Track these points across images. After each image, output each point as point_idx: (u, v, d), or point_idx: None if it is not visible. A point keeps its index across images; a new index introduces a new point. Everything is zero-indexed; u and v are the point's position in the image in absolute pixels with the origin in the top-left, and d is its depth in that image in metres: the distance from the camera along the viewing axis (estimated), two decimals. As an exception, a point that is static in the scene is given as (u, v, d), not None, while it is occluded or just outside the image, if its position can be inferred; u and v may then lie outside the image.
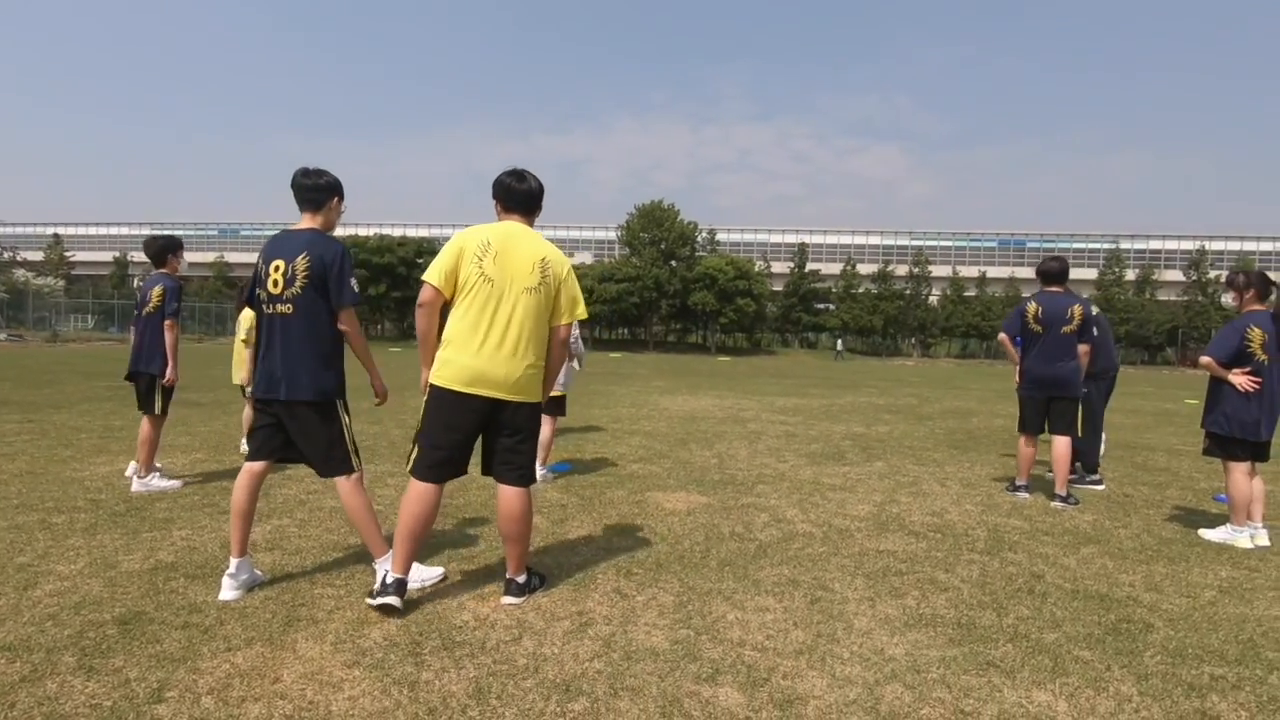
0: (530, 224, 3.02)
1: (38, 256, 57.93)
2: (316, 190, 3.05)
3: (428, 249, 55.24)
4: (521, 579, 2.96)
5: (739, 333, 58.18)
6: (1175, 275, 61.45)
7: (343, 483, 3.02)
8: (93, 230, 75.60)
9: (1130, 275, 60.01)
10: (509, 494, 2.92)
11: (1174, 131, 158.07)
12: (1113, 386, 6.11)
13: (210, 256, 68.90)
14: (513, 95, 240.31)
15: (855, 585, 3.21)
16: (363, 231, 59.27)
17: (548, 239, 3.03)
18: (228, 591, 2.87)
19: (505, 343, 2.80)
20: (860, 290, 60.04)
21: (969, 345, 58.47)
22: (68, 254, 58.01)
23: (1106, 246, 63.98)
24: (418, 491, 2.82)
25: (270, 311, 2.97)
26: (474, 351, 2.78)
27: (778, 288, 59.58)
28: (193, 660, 2.32)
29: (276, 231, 3.16)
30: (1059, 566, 3.56)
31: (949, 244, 70.54)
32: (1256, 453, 4.17)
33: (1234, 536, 4.11)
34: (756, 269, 55.06)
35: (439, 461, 2.82)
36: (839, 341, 52.52)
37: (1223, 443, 4.20)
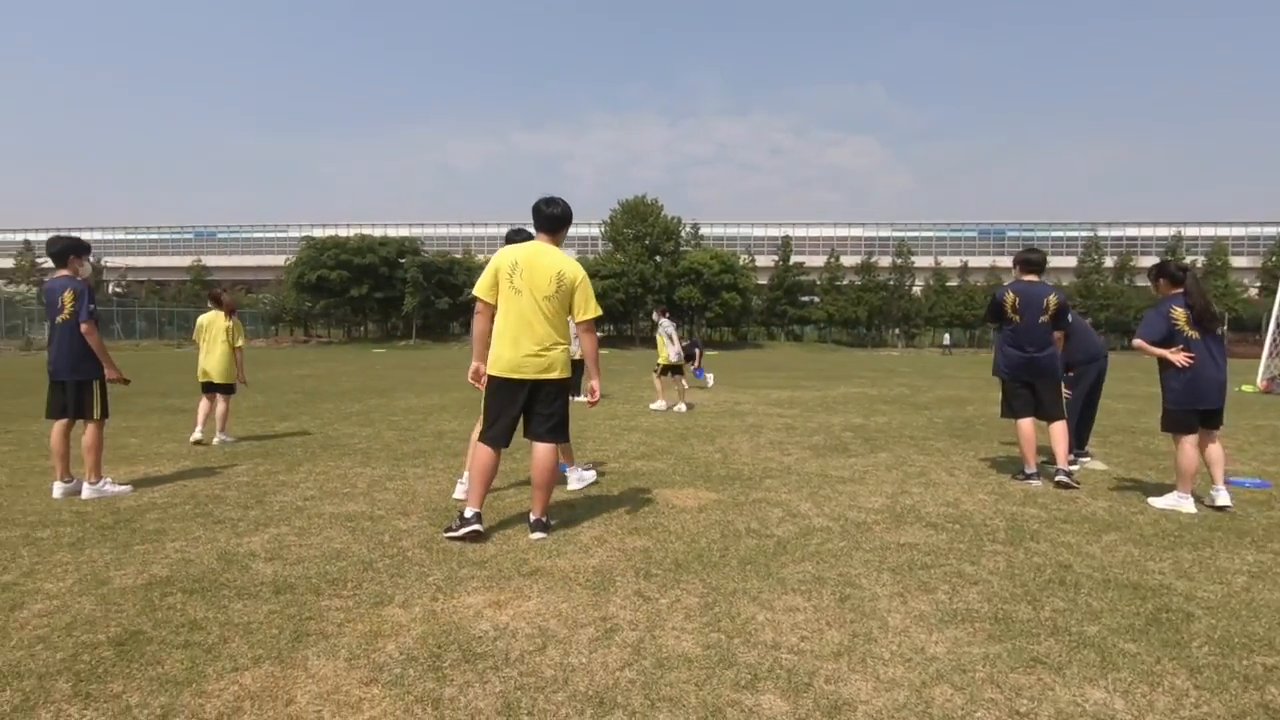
0: (556, 242, 3.83)
1: (8, 264, 56.64)
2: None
3: (409, 248, 54.65)
4: (546, 519, 3.78)
5: (725, 327, 58.24)
6: (1153, 261, 62.33)
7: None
8: (65, 235, 73.88)
9: (1109, 262, 60.75)
10: (542, 449, 3.75)
11: (1148, 118, 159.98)
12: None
13: (187, 261, 67.79)
14: (486, 92, 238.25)
15: (883, 581, 3.12)
16: (343, 232, 58.56)
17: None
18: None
19: (533, 339, 3.66)
20: (844, 282, 60.29)
21: (953, 335, 58.77)
22: (39, 260, 56.64)
23: (1084, 234, 64.71)
24: (483, 453, 3.71)
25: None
26: (510, 346, 3.65)
27: (762, 281, 59.62)
28: (198, 683, 2.17)
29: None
30: (1085, 555, 3.49)
31: (930, 235, 71.01)
32: (1206, 420, 4.47)
33: (1179, 503, 4.41)
34: (741, 262, 55.06)
35: (497, 431, 3.71)
36: (946, 335, 53.65)
37: (1174, 417, 4.50)
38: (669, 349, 9.89)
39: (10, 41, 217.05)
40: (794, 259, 60.38)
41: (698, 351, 10.43)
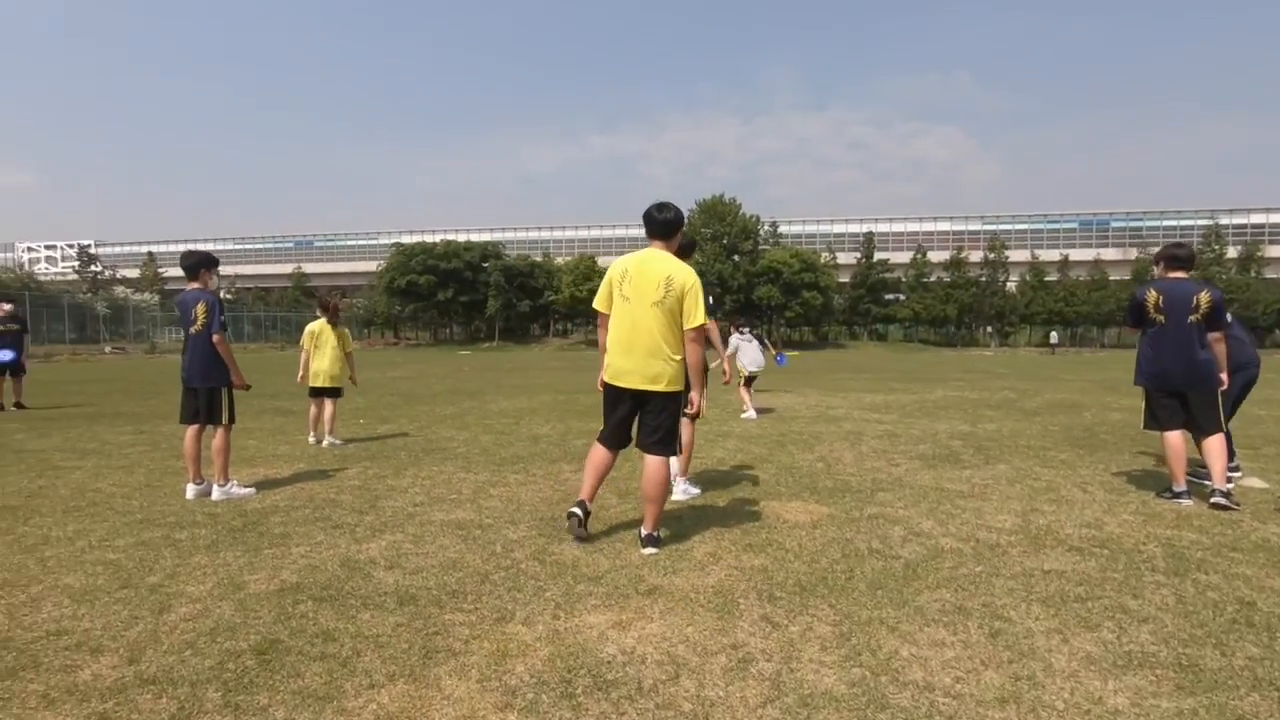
0: (669, 247, 3.75)
1: (134, 274, 61.83)
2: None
3: (492, 253, 56.15)
4: (658, 533, 3.69)
5: (806, 326, 56.93)
6: (1283, 251, 56.70)
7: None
8: (182, 247, 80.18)
9: (1232, 252, 55.71)
10: (651, 462, 3.67)
11: (1272, 91, 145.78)
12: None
13: (288, 268, 72.10)
14: (560, 96, 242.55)
15: (1034, 614, 2.84)
16: (429, 238, 60.80)
17: (603, 238, 4.22)
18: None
19: (640, 347, 3.62)
20: (932, 279, 57.70)
21: (1053, 332, 55.22)
22: (161, 270, 61.64)
23: (1202, 223, 59.59)
24: (597, 451, 3.82)
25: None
26: (621, 354, 3.67)
27: (844, 279, 57.89)
28: (338, 699, 2.17)
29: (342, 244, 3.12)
30: (1268, 591, 3.09)
31: (1025, 227, 67.24)
32: None
33: None
34: (822, 260, 53.68)
35: (609, 434, 3.79)
36: (1053, 334, 51.40)
37: None
38: (741, 363, 9.71)
39: (126, 69, 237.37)
40: (877, 255, 58.32)
41: (767, 341, 10.60)
